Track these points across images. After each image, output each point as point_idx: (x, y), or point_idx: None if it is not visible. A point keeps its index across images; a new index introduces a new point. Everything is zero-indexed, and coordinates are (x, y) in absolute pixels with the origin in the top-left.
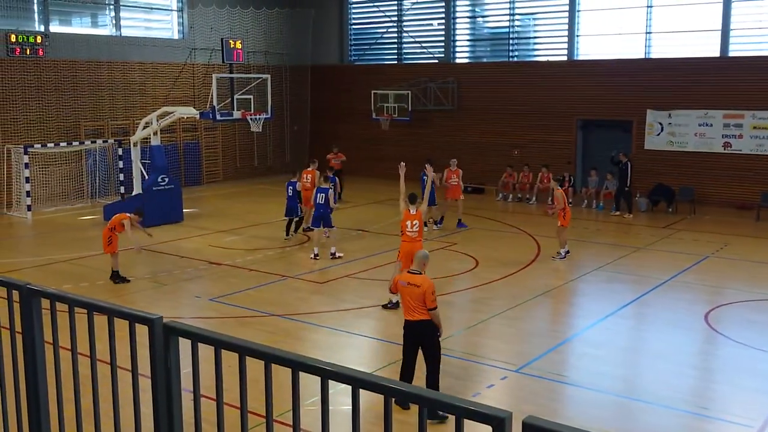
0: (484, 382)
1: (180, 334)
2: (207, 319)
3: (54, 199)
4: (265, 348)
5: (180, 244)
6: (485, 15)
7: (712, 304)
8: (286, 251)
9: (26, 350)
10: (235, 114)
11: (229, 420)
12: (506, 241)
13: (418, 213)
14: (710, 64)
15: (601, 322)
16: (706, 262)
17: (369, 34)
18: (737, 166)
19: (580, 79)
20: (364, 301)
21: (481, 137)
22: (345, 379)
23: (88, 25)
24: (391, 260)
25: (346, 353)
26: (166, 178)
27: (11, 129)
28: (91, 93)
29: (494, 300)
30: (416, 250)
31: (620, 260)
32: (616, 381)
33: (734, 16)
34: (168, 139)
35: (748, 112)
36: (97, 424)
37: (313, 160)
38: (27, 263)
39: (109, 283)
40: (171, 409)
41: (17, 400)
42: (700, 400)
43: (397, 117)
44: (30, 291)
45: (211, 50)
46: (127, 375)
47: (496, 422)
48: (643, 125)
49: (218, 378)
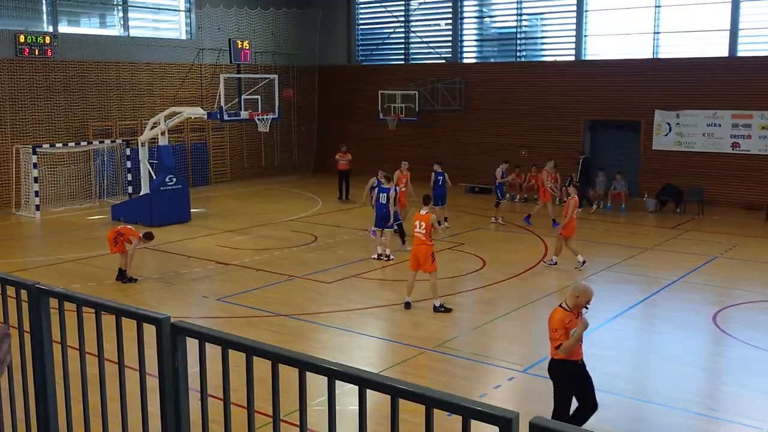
0: (491, 383)
1: (187, 334)
2: (214, 319)
3: (62, 199)
4: (272, 348)
5: (188, 244)
6: (492, 15)
7: (720, 305)
8: (294, 251)
9: (35, 349)
10: (242, 114)
11: (236, 420)
12: (513, 241)
13: (427, 215)
14: (719, 64)
15: (609, 322)
16: (715, 262)
17: (376, 34)
18: (746, 167)
19: (588, 79)
20: (372, 302)
21: (489, 137)
22: (352, 379)
23: (96, 26)
24: (398, 260)
25: (353, 353)
26: (174, 178)
27: (20, 129)
28: (99, 93)
29: (501, 300)
30: (420, 252)
31: (628, 261)
32: (623, 382)
33: (743, 16)
34: (176, 140)
35: (756, 112)
36: (105, 424)
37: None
38: (35, 263)
39: (117, 283)
40: (178, 408)
41: (26, 399)
42: (708, 402)
43: (404, 117)
44: (39, 290)
45: (218, 50)
46: (134, 374)
47: (503, 423)
48: (651, 126)
49: (225, 378)
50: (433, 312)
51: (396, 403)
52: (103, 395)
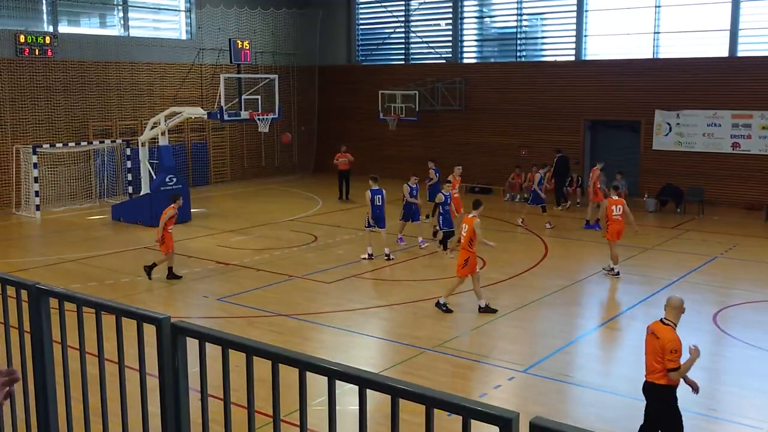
0: (491, 383)
1: (188, 334)
2: (214, 319)
3: (62, 199)
4: (273, 348)
5: (188, 244)
6: (493, 15)
7: (720, 305)
8: (294, 251)
9: (35, 349)
10: (242, 114)
11: (236, 420)
12: (514, 241)
13: (471, 219)
14: (719, 64)
15: (609, 322)
16: (715, 262)
17: (376, 34)
18: (746, 167)
19: (588, 79)
20: (372, 302)
21: (489, 137)
22: (352, 379)
23: (96, 26)
24: (398, 260)
25: (353, 353)
26: (174, 178)
27: (20, 129)
28: (99, 93)
29: (501, 300)
30: (458, 256)
31: (628, 260)
32: (623, 382)
33: (743, 15)
34: (176, 140)
35: (756, 112)
36: (105, 424)
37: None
38: (36, 263)
39: (117, 283)
40: (178, 408)
41: (26, 399)
42: (708, 402)
43: (404, 117)
44: (39, 290)
45: (218, 50)
46: (134, 374)
47: (503, 423)
48: (651, 125)
49: (225, 378)
50: (435, 308)
51: (396, 403)
52: (103, 395)
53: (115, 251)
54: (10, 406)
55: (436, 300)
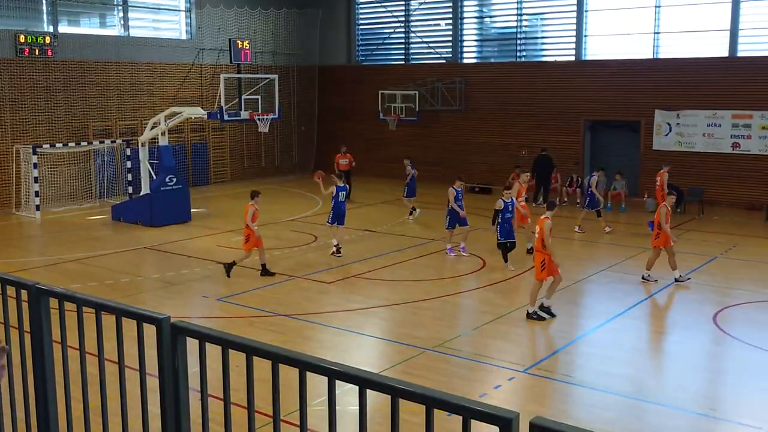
0: (491, 383)
1: (188, 334)
2: (214, 319)
3: (62, 199)
4: (273, 348)
5: (188, 244)
6: (493, 15)
7: (720, 305)
8: (294, 251)
9: (35, 349)
10: (242, 114)
11: (236, 420)
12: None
13: (542, 220)
14: (719, 65)
15: (609, 322)
16: (715, 262)
17: (376, 34)
18: (746, 167)
19: (588, 79)
20: (372, 302)
21: (489, 138)
22: (352, 379)
23: (96, 26)
24: (398, 260)
25: (353, 353)
26: (174, 178)
27: (20, 129)
28: (99, 93)
29: (501, 300)
30: (534, 259)
31: (628, 261)
32: (623, 382)
33: (743, 16)
34: (176, 140)
35: (756, 112)
36: (105, 424)
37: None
38: (36, 263)
39: (117, 283)
40: (178, 408)
41: (26, 399)
42: (708, 402)
43: (404, 117)
44: (39, 290)
45: (218, 50)
46: (134, 374)
47: (503, 423)
48: (651, 126)
49: (225, 378)
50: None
51: (396, 403)
52: (103, 395)
53: (115, 251)
54: (10, 407)
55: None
